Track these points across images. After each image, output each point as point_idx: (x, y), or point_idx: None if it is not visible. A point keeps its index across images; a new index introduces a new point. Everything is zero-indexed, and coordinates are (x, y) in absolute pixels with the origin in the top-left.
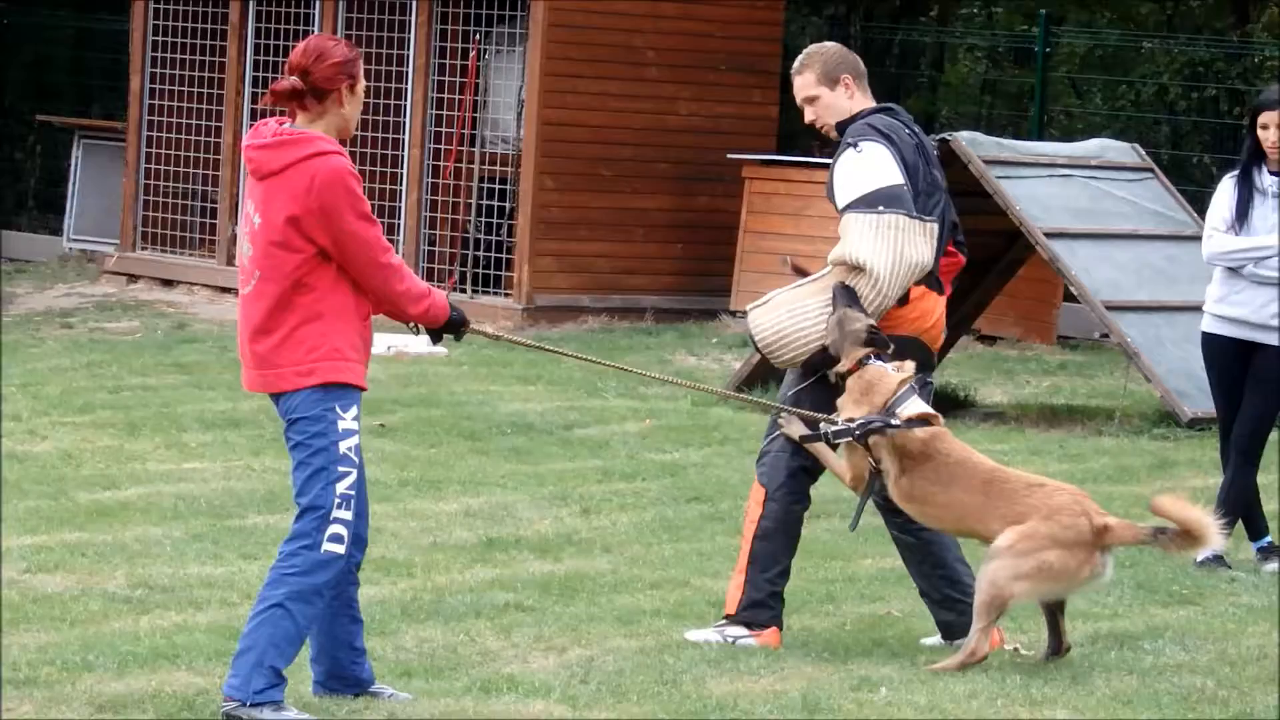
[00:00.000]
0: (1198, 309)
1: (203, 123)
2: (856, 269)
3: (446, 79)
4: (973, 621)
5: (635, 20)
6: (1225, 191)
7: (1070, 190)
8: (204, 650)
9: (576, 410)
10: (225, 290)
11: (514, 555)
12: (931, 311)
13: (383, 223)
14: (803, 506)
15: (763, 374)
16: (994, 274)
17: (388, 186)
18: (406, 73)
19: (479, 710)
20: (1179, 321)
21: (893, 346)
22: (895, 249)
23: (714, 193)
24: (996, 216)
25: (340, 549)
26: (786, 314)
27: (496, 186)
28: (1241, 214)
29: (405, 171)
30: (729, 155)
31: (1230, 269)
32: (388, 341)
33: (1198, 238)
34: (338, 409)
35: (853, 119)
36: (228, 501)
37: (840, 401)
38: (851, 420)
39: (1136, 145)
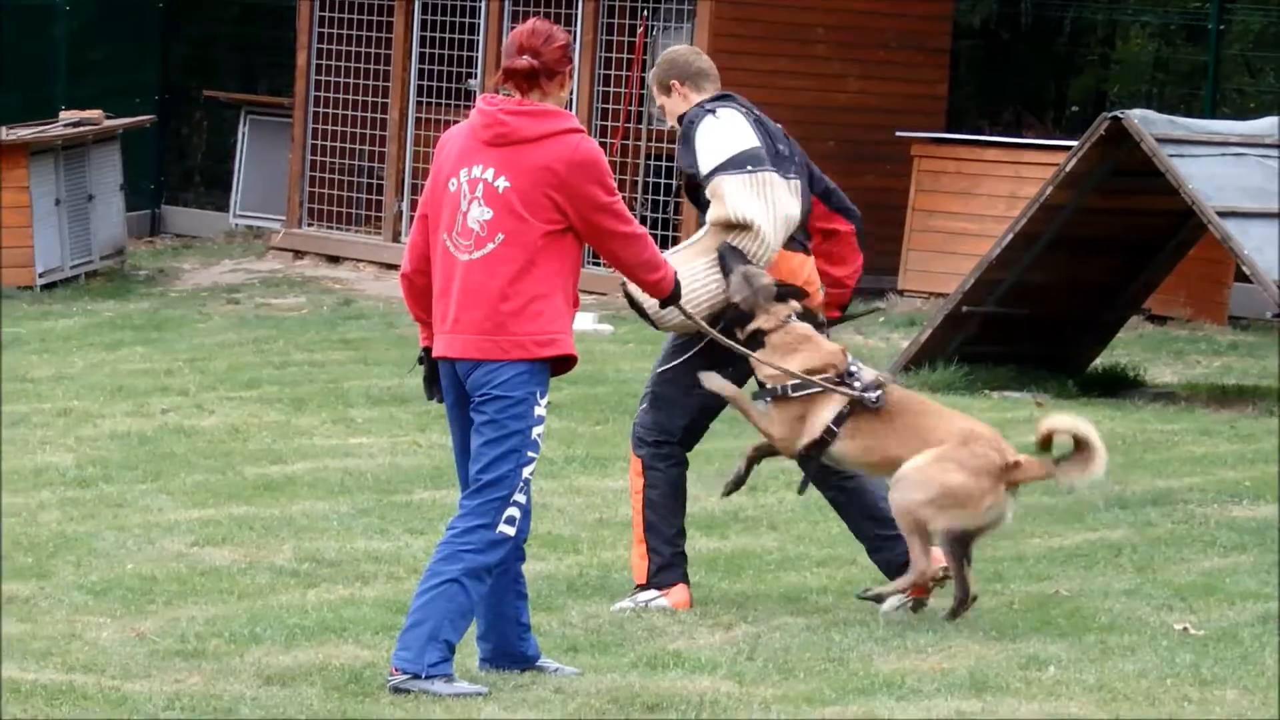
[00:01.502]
0: None
1: (369, 99)
2: (741, 227)
3: (614, 56)
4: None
5: None
6: None
7: (1243, 169)
8: (370, 624)
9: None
10: (390, 266)
11: None
12: (798, 271)
13: None
14: (682, 468)
15: (931, 352)
16: (1165, 253)
17: None
18: (574, 50)
19: (645, 685)
20: None
21: (808, 296)
22: (772, 205)
23: (881, 171)
24: (1168, 196)
25: (513, 530)
26: None
27: (663, 164)
28: None
29: None
30: (897, 133)
31: None
32: None
33: None
34: (537, 395)
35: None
36: (394, 477)
37: (764, 355)
38: (807, 375)
39: None
